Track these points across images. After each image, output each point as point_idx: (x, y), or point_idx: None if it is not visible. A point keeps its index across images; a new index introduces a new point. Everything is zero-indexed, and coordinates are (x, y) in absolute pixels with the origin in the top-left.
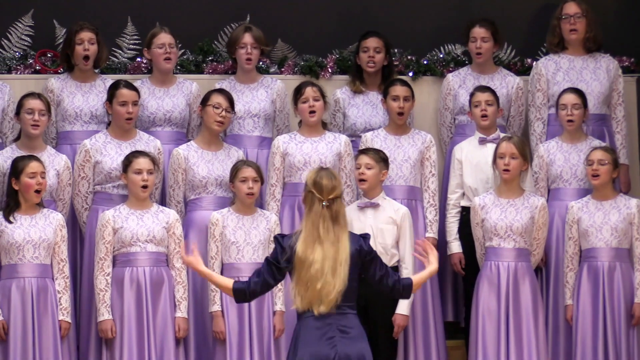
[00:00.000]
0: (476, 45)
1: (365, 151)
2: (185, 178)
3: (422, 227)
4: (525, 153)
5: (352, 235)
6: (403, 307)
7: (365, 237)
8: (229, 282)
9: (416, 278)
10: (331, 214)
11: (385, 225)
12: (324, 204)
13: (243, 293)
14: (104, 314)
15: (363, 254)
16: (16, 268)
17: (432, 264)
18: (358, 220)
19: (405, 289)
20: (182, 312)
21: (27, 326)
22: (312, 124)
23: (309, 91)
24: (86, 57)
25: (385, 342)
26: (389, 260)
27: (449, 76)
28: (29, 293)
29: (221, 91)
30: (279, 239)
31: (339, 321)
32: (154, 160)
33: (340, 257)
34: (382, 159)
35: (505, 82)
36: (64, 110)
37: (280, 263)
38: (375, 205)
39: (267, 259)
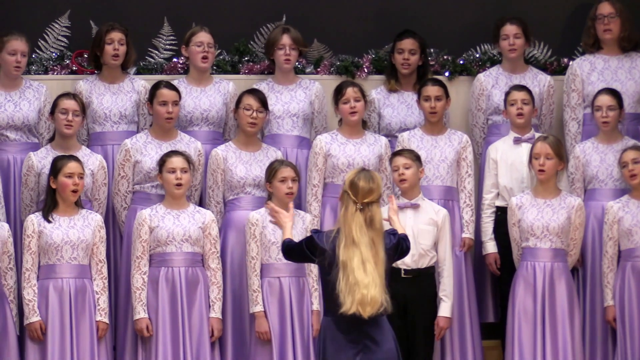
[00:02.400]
0: (509, 42)
1: (400, 152)
2: (224, 178)
3: (458, 228)
4: (561, 153)
5: (385, 236)
6: (446, 309)
7: (393, 233)
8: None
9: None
10: (365, 217)
11: (426, 227)
12: (358, 206)
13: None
14: (140, 312)
15: (392, 251)
16: (54, 268)
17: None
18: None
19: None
20: (216, 313)
21: (64, 327)
22: (354, 124)
23: (350, 91)
24: (115, 56)
25: (423, 342)
26: (428, 262)
27: (480, 76)
28: (67, 293)
29: (252, 92)
30: (314, 238)
31: (367, 324)
32: (188, 160)
33: (378, 260)
34: (417, 158)
35: (537, 81)
36: (93, 112)
37: (314, 256)
38: (415, 206)
39: (304, 244)
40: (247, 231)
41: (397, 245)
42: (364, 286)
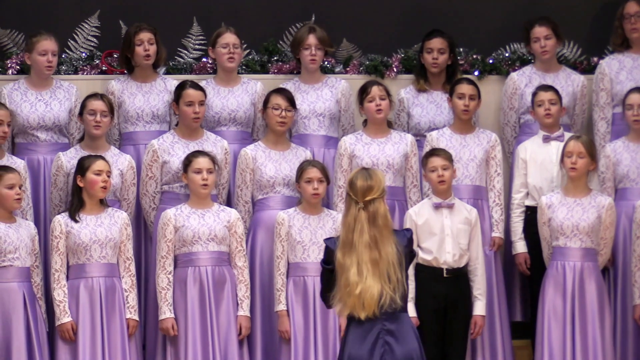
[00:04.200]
0: (540, 44)
1: (436, 153)
2: (253, 178)
3: (488, 227)
4: (593, 152)
5: (397, 232)
6: (481, 308)
7: (410, 230)
8: None
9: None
10: (368, 215)
11: (463, 226)
12: (359, 206)
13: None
14: (166, 312)
15: (408, 251)
16: (84, 268)
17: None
18: (435, 221)
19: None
20: (244, 311)
21: (95, 326)
22: (379, 123)
23: (375, 90)
24: (147, 56)
25: (459, 341)
26: (464, 261)
27: (514, 75)
28: (97, 292)
29: (279, 91)
30: (327, 243)
31: (387, 323)
32: (213, 160)
33: (381, 259)
34: (451, 159)
35: (570, 81)
36: (125, 112)
37: (330, 266)
38: (450, 206)
39: (322, 265)
40: (274, 230)
41: (411, 241)
42: (358, 288)
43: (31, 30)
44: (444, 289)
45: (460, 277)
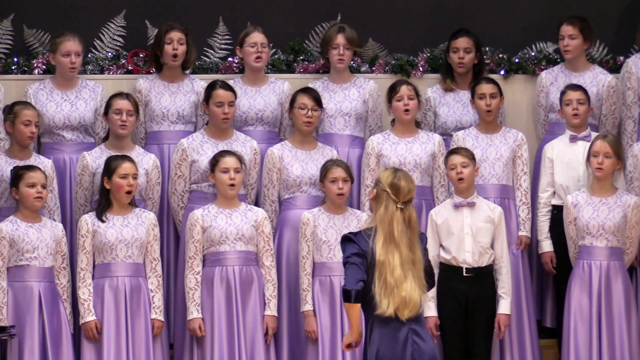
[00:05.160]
0: (564, 43)
1: (456, 151)
2: (280, 177)
3: (514, 226)
4: (620, 152)
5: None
6: (506, 306)
7: (423, 234)
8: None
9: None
10: (404, 217)
11: (484, 224)
12: (398, 206)
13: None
14: (193, 313)
15: (425, 252)
16: (109, 267)
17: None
18: (455, 220)
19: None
20: (271, 311)
21: (120, 325)
22: (407, 122)
23: (404, 89)
24: (175, 55)
25: (483, 341)
26: (487, 260)
27: (543, 73)
28: (122, 292)
29: (306, 91)
30: (352, 238)
31: (412, 324)
32: (241, 159)
33: (417, 260)
34: (472, 157)
35: (596, 81)
36: (151, 111)
37: (364, 263)
38: (471, 204)
39: (354, 262)
40: (300, 230)
41: (426, 249)
42: (404, 288)
43: (57, 30)
44: (464, 288)
45: (481, 276)
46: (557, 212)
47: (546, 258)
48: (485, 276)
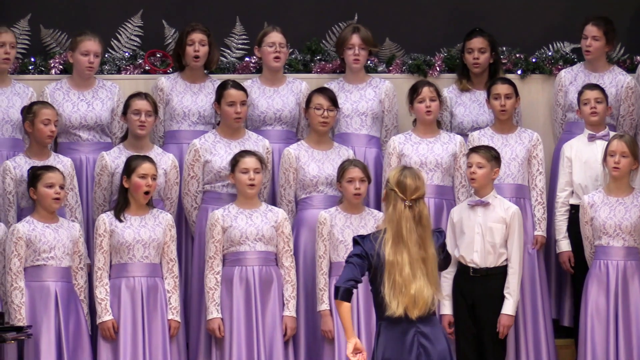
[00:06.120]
0: (586, 43)
1: (477, 149)
2: (296, 177)
3: (530, 226)
4: (636, 152)
5: (432, 233)
6: (509, 307)
7: (439, 231)
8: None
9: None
10: (414, 214)
11: (495, 224)
12: (406, 203)
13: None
14: (213, 313)
15: (442, 250)
16: (126, 267)
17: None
18: (468, 219)
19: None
20: (290, 311)
21: (137, 325)
22: (428, 123)
23: (426, 91)
24: (196, 57)
25: (492, 342)
26: (496, 260)
27: (562, 72)
28: (139, 292)
29: (321, 91)
30: (358, 241)
31: (421, 326)
32: (260, 160)
33: (428, 258)
34: (493, 158)
35: (615, 81)
36: (172, 110)
37: (363, 265)
38: (485, 204)
39: (352, 262)
40: (316, 230)
41: (444, 245)
42: (412, 287)
43: (74, 30)
44: (470, 288)
45: (490, 277)
46: (575, 212)
47: (564, 257)
48: (493, 277)
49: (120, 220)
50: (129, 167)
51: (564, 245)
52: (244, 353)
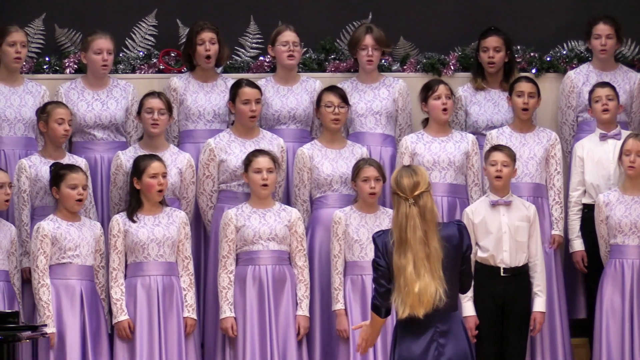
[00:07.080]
0: (601, 42)
1: (500, 148)
2: (310, 177)
3: (547, 225)
4: None
5: (444, 225)
6: (541, 304)
7: (461, 224)
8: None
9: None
10: (419, 210)
11: (521, 223)
12: (410, 202)
13: (379, 310)
14: (226, 312)
15: (462, 245)
16: (141, 266)
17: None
18: (492, 219)
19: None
20: (303, 311)
21: (152, 324)
22: (443, 122)
23: (442, 89)
24: (208, 57)
25: (518, 340)
26: (523, 259)
27: (571, 74)
28: (155, 291)
29: (331, 89)
30: (375, 239)
31: (440, 325)
32: (274, 159)
33: (431, 254)
34: (514, 157)
35: (627, 79)
36: (186, 109)
37: (385, 273)
38: (507, 203)
39: (376, 268)
40: (331, 229)
41: (462, 233)
42: (416, 286)
43: (88, 30)
44: (501, 288)
45: (518, 275)
46: (587, 211)
47: (577, 257)
48: (522, 276)
49: (134, 221)
50: (138, 169)
51: (577, 244)
52: (257, 352)
